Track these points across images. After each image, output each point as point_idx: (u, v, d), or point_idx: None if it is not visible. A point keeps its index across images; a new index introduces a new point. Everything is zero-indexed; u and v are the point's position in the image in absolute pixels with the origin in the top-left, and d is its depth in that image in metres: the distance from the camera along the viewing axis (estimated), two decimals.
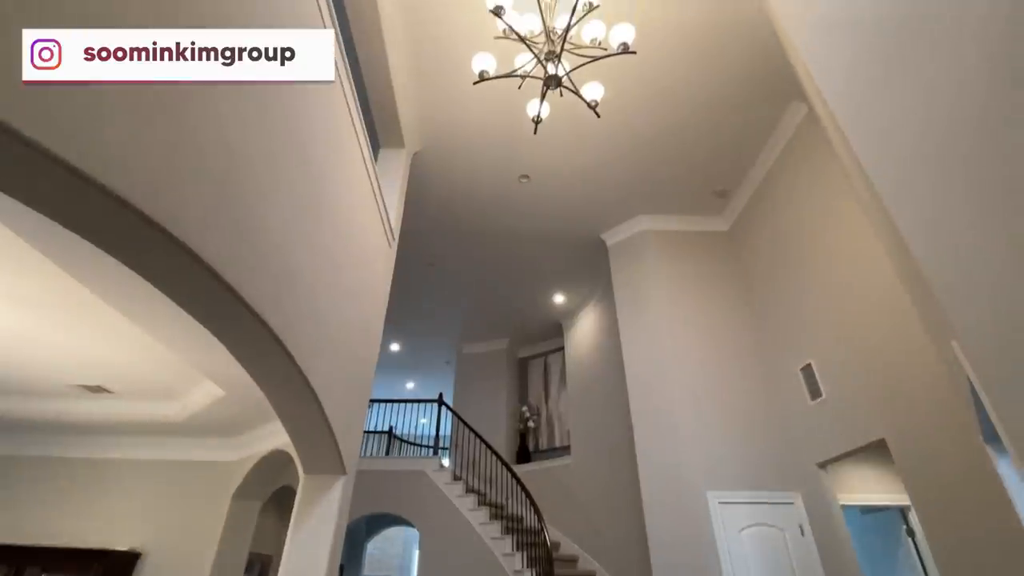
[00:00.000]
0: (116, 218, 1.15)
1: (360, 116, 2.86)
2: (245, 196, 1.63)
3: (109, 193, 1.07)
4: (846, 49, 1.94)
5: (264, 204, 1.75)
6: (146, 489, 3.88)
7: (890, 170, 1.76)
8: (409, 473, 6.63)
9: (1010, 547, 2.45)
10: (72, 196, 1.08)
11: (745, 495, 4.02)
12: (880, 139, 1.80)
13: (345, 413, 2.73)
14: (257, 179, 1.69)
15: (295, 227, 2.02)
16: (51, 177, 1.01)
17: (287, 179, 1.93)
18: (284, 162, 1.90)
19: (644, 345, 4.95)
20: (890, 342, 3.24)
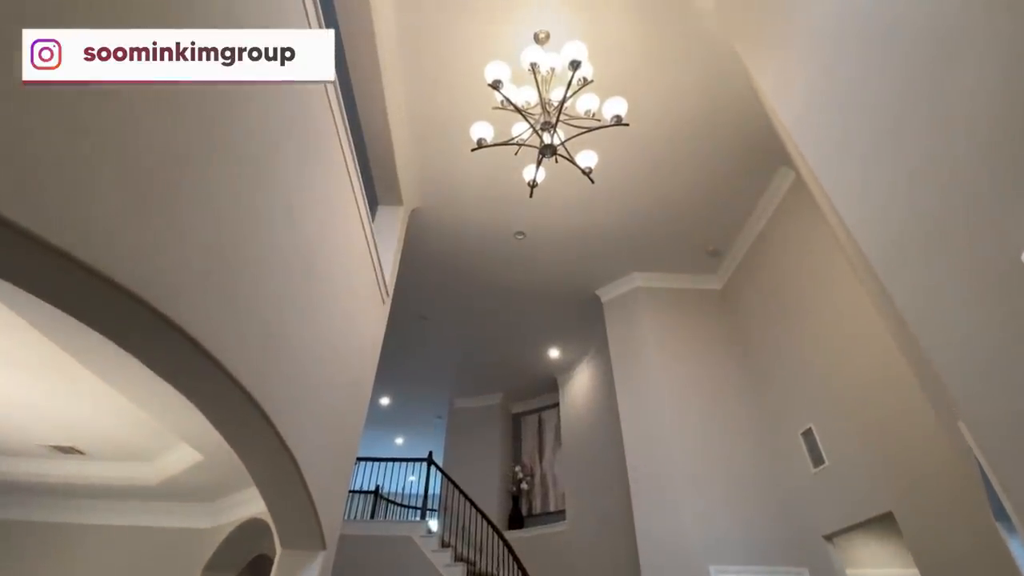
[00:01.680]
0: (90, 288, 1.11)
1: (358, 173, 2.90)
2: (233, 263, 1.60)
3: (84, 265, 1.04)
4: (833, 131, 2.00)
5: (253, 270, 1.72)
6: (116, 557, 3.62)
7: (884, 246, 1.77)
8: (395, 539, 6.26)
9: None
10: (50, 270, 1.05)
11: (750, 569, 3.80)
12: (872, 216, 1.81)
13: (328, 481, 2.59)
14: (246, 246, 1.68)
15: (285, 291, 1.99)
16: (26, 253, 0.98)
17: (278, 243, 1.91)
18: (276, 226, 1.89)
19: (640, 404, 4.83)
20: (892, 405, 3.16)
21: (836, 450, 3.68)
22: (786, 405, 4.27)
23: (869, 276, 2.06)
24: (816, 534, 3.83)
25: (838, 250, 3.62)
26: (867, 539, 4.16)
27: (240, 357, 1.64)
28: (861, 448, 3.43)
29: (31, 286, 1.12)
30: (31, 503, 3.75)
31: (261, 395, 1.77)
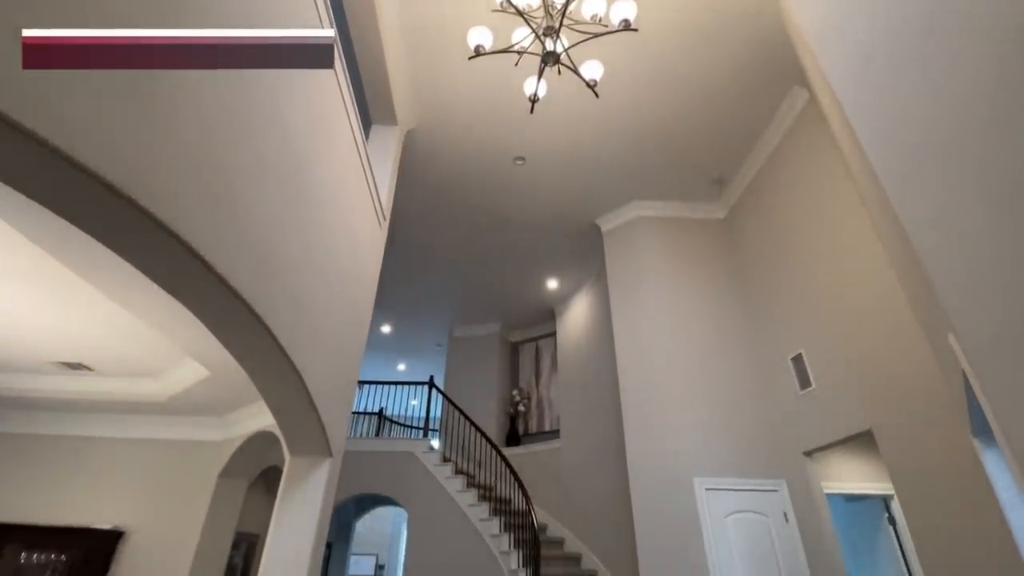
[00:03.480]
0: (79, 188, 1.08)
1: (350, 89, 2.76)
2: (223, 171, 1.55)
3: (73, 161, 1.00)
4: (856, 38, 1.88)
5: (246, 181, 1.67)
6: (129, 468, 3.83)
7: (896, 161, 1.72)
8: (398, 454, 6.64)
9: (989, 537, 2.48)
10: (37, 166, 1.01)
11: (732, 482, 4.05)
12: (888, 130, 1.75)
13: (332, 395, 2.68)
14: (237, 154, 1.62)
15: (280, 208, 1.95)
16: (19, 149, 0.94)
17: (270, 156, 1.84)
18: (266, 138, 1.81)
19: (636, 332, 4.93)
20: (881, 334, 3.24)
21: (823, 374, 3.81)
22: (779, 331, 4.37)
23: (874, 195, 2.01)
24: (796, 450, 4.05)
25: (844, 179, 3.57)
26: (844, 456, 4.41)
27: (240, 269, 1.64)
28: (847, 372, 3.55)
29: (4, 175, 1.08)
30: (43, 418, 3.91)
31: (263, 309, 1.78)
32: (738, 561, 3.77)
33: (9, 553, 3.38)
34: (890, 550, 4.23)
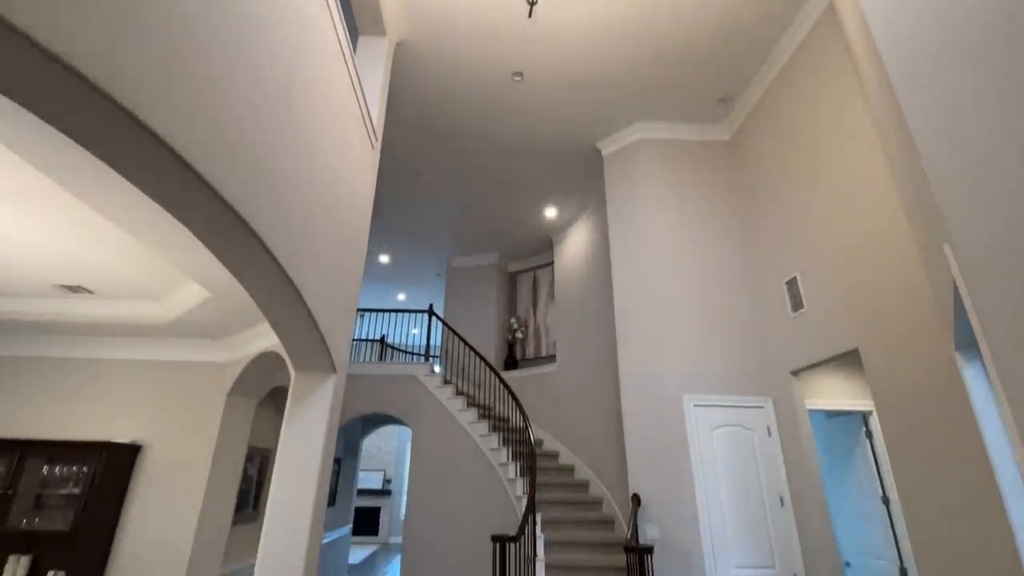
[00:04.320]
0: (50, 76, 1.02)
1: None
2: (209, 74, 1.47)
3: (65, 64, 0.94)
4: None
5: (225, 83, 1.59)
6: (140, 388, 3.98)
7: (911, 66, 1.63)
8: (401, 377, 6.88)
9: (962, 449, 2.63)
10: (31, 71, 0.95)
11: (720, 399, 4.23)
12: (905, 33, 1.65)
13: (332, 312, 2.73)
14: (221, 56, 1.52)
15: (269, 121, 1.86)
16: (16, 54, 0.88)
17: (250, 59, 1.74)
18: (245, 40, 1.70)
19: (633, 256, 4.94)
20: (876, 257, 3.26)
21: (815, 297, 3.86)
22: (777, 256, 4.38)
23: (885, 104, 1.93)
24: (784, 370, 4.20)
25: (852, 100, 3.43)
26: (828, 374, 4.58)
27: (231, 181, 1.60)
28: (838, 295, 3.60)
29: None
30: (53, 342, 4.00)
31: (256, 222, 1.76)
32: (721, 471, 4.03)
33: (32, 466, 3.58)
34: (865, 462, 4.51)
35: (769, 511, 3.93)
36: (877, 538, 4.31)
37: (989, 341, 1.50)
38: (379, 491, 12.51)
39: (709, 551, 3.77)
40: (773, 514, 3.92)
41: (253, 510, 4.48)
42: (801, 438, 4.02)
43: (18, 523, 3.43)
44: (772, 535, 3.86)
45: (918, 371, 2.93)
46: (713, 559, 3.75)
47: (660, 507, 4.05)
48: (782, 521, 3.89)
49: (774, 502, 3.95)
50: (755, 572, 3.75)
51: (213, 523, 3.67)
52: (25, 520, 3.47)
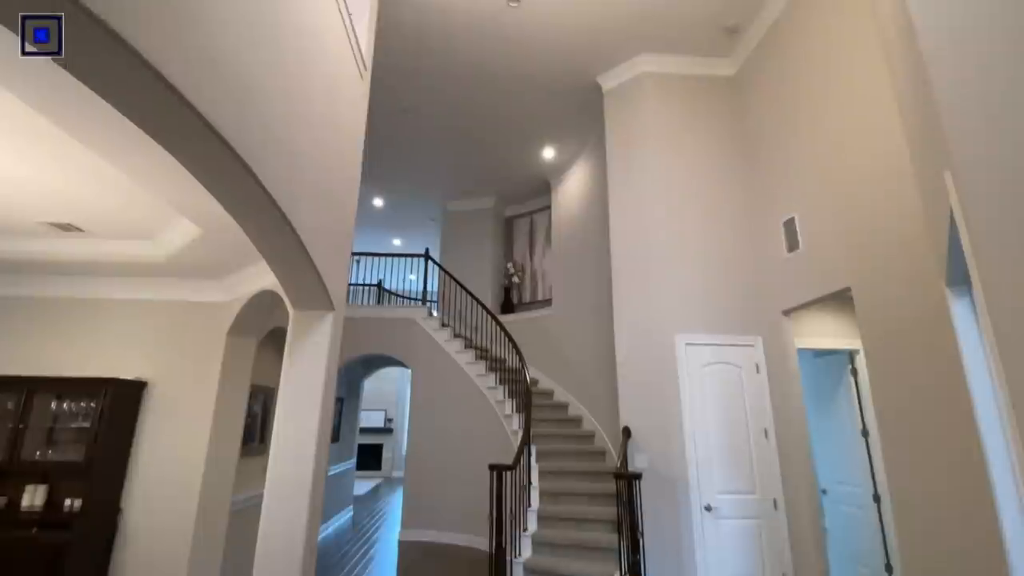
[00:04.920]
0: None
1: None
2: None
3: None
4: None
5: (210, 3, 1.49)
6: (142, 327, 4.02)
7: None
8: (400, 320, 6.98)
9: (944, 385, 2.72)
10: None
11: (711, 338, 4.32)
12: None
13: (327, 248, 2.72)
14: None
15: (251, 35, 1.77)
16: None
17: None
18: None
19: (631, 196, 4.88)
20: (874, 197, 3.25)
21: (812, 238, 3.86)
22: (776, 195, 4.34)
23: (896, 23, 1.85)
24: (776, 309, 4.27)
25: (864, 35, 3.28)
26: (818, 314, 4.66)
27: (221, 110, 1.55)
28: (835, 234, 3.60)
29: None
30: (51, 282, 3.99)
31: (243, 149, 1.71)
32: (709, 405, 4.18)
33: (40, 402, 3.67)
34: (848, 398, 4.68)
35: (753, 443, 4.11)
36: (854, 468, 4.54)
37: (981, 272, 1.51)
38: (381, 429, 13.02)
39: (694, 478, 3.98)
40: (757, 445, 4.11)
41: (260, 443, 4.66)
42: (788, 375, 4.15)
43: (32, 455, 3.57)
44: (755, 464, 4.06)
45: (906, 310, 2.98)
46: (698, 485, 3.97)
47: (649, 439, 4.23)
48: (765, 452, 4.09)
49: (758, 434, 4.13)
50: (737, 497, 3.97)
51: (221, 456, 3.83)
52: (39, 452, 3.60)
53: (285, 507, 2.71)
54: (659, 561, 3.88)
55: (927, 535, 2.82)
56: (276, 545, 2.65)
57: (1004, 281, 1.39)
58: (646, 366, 4.41)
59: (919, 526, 2.88)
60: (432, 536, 6.08)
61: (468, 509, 5.77)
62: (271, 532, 2.67)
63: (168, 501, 3.67)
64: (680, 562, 3.84)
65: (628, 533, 3.70)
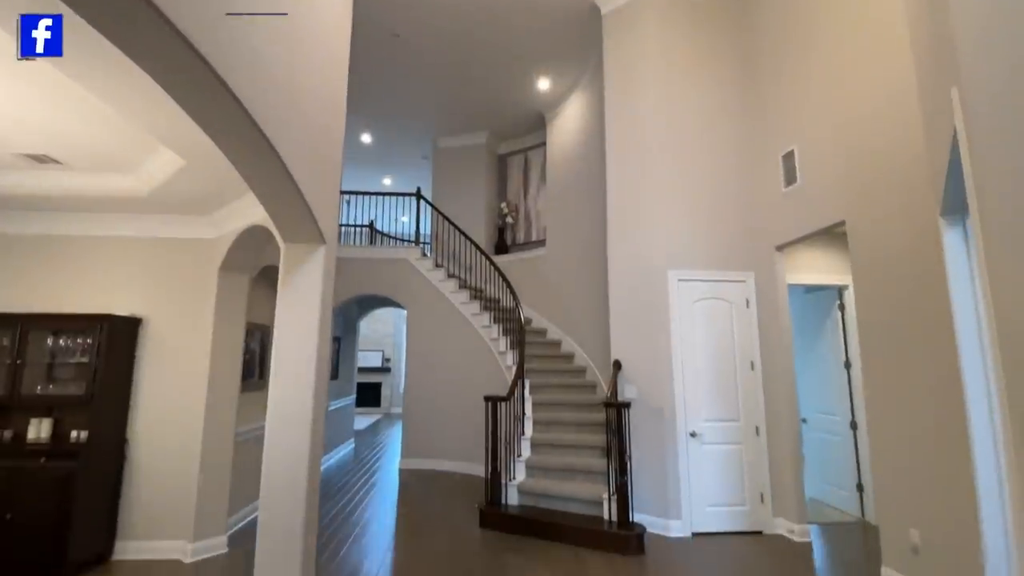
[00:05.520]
0: None
1: None
2: None
3: None
4: None
5: None
6: (133, 264, 3.96)
7: None
8: (393, 261, 6.95)
9: (931, 318, 2.77)
10: None
11: (704, 274, 4.35)
12: None
13: (315, 179, 2.64)
14: None
15: None
16: None
17: None
18: None
19: (629, 127, 4.74)
20: (875, 129, 3.19)
21: (810, 171, 3.81)
22: (776, 128, 4.24)
23: None
24: (770, 245, 4.28)
25: None
26: (810, 250, 4.68)
27: (197, 23, 1.44)
28: (833, 168, 3.55)
29: None
30: (27, 217, 3.87)
31: (223, 69, 1.61)
32: (699, 339, 4.28)
33: (36, 338, 3.68)
34: (834, 332, 4.80)
35: (739, 374, 4.25)
36: (834, 398, 4.74)
37: (978, 190, 1.49)
38: (379, 368, 13.34)
39: (681, 407, 4.14)
40: (743, 376, 4.25)
41: (260, 379, 4.75)
42: (778, 310, 4.22)
43: (33, 389, 3.62)
44: (740, 394, 4.22)
45: (897, 243, 3.00)
46: (684, 413, 4.14)
47: (639, 371, 4.36)
48: (750, 383, 4.23)
49: (745, 366, 4.26)
50: (721, 424, 4.16)
51: (222, 390, 3.91)
52: (40, 387, 3.66)
53: (287, 436, 2.80)
54: (645, 483, 4.11)
55: (899, 457, 2.99)
56: (280, 472, 2.76)
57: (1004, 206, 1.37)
58: (638, 302, 4.46)
59: (892, 449, 3.04)
60: (431, 464, 6.38)
61: (465, 439, 6.02)
62: (275, 460, 2.77)
63: (173, 433, 3.78)
64: (665, 483, 4.07)
65: (616, 457, 3.89)
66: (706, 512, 4.02)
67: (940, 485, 2.69)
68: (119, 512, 3.66)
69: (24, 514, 3.26)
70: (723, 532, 3.98)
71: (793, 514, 3.94)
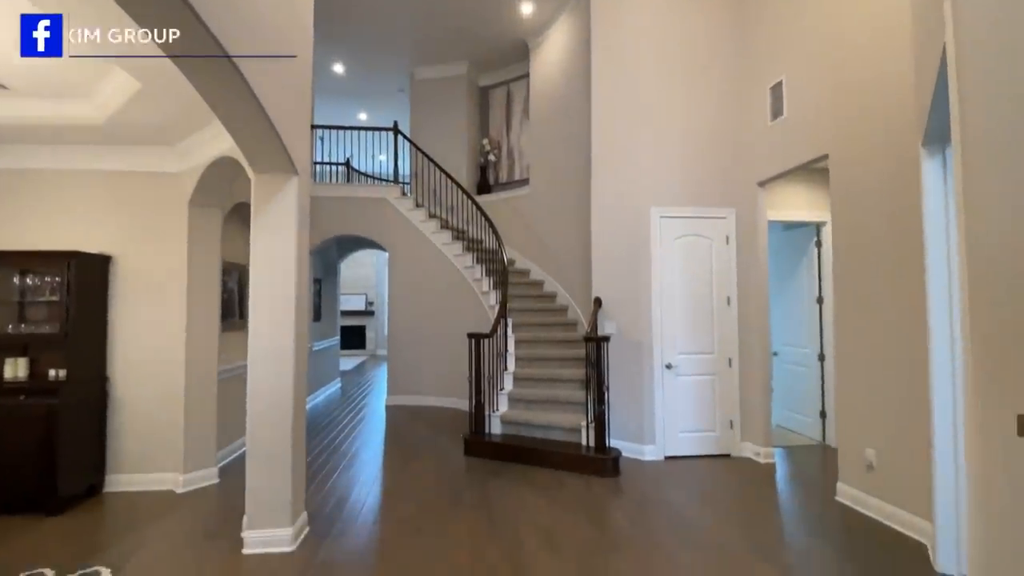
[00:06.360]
0: None
1: None
2: None
3: None
4: None
5: None
6: (97, 199, 3.78)
7: None
8: (372, 200, 6.78)
9: (900, 253, 2.83)
10: None
11: (687, 210, 4.35)
12: None
13: (285, 105, 2.50)
14: None
15: None
16: None
17: None
18: None
19: (616, 60, 4.55)
20: (864, 60, 3.14)
21: (797, 103, 3.73)
22: (766, 56, 4.11)
23: None
24: (752, 181, 4.26)
25: None
26: (793, 186, 4.69)
27: None
28: (820, 99, 3.49)
29: None
30: None
31: None
32: (678, 275, 4.33)
33: (2, 276, 3.56)
34: (809, 268, 4.90)
35: (716, 308, 4.36)
36: (805, 332, 4.92)
37: (963, 104, 1.45)
38: (363, 311, 13.37)
39: (658, 340, 4.26)
40: (719, 311, 4.36)
41: (240, 319, 4.71)
42: (757, 247, 4.28)
43: (5, 328, 3.54)
44: (715, 328, 4.35)
45: (879, 179, 3.01)
46: (661, 346, 4.27)
47: (619, 307, 4.43)
48: (726, 317, 4.35)
49: (721, 301, 4.36)
50: (696, 356, 4.31)
51: (201, 328, 3.87)
52: (11, 326, 3.57)
53: (269, 370, 2.80)
54: (622, 412, 4.30)
55: (861, 384, 3.15)
56: (265, 404, 2.78)
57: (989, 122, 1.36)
58: (620, 239, 4.46)
59: (856, 377, 3.20)
60: (417, 401, 6.55)
61: (450, 377, 6.16)
62: (259, 393, 2.78)
63: (154, 371, 3.77)
64: (640, 412, 4.26)
65: (595, 388, 4.03)
66: (678, 438, 4.24)
67: (896, 409, 2.87)
68: (107, 446, 3.71)
69: (8, 450, 3.28)
70: (694, 456, 4.23)
71: (760, 438, 4.18)
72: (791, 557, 2.64)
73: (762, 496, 3.50)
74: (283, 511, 2.74)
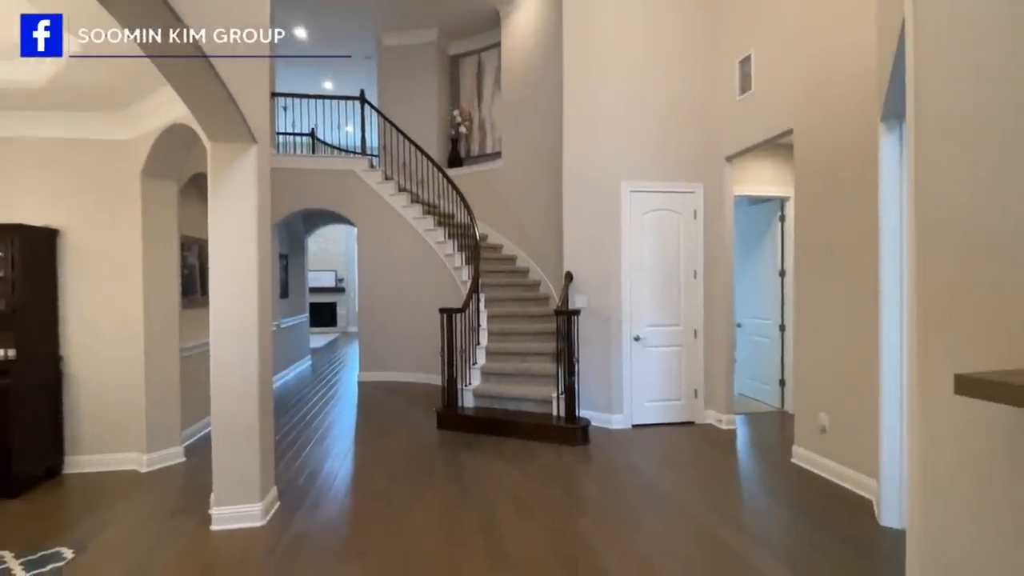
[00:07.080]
0: None
1: None
2: None
3: None
4: None
5: None
6: (41, 170, 3.54)
7: None
8: (338, 172, 6.58)
9: (859, 227, 2.92)
10: None
11: (656, 185, 4.38)
12: None
13: (240, 67, 2.37)
14: None
15: None
16: None
17: None
18: None
19: (589, 32, 4.47)
20: (828, 30, 3.17)
21: (765, 77, 3.77)
22: (736, 30, 4.12)
23: None
24: (720, 155, 4.32)
25: None
26: (760, 161, 4.77)
27: None
28: (786, 74, 3.53)
29: None
30: None
31: None
32: (647, 250, 4.40)
33: None
34: (772, 242, 5.04)
35: (683, 282, 4.45)
36: (767, 304, 5.09)
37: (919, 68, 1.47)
38: (333, 288, 13.14)
39: (627, 313, 4.34)
40: (686, 284, 4.45)
41: (202, 295, 4.56)
42: (723, 221, 4.36)
43: None
44: (682, 301, 4.45)
45: (840, 154, 3.08)
46: (630, 319, 4.35)
47: (589, 282, 4.48)
48: (692, 290, 4.46)
49: (688, 275, 4.46)
50: (663, 328, 4.41)
51: (160, 304, 3.73)
52: None
53: (233, 345, 2.74)
54: (591, 383, 4.39)
55: (817, 353, 3.30)
56: (230, 384, 2.72)
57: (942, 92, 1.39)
58: (591, 214, 4.48)
59: (813, 346, 3.34)
60: (390, 376, 6.53)
61: (423, 352, 6.14)
62: (223, 368, 2.72)
63: (111, 349, 3.63)
64: (609, 383, 4.36)
65: (566, 360, 4.10)
66: (645, 407, 4.37)
67: (849, 376, 3.02)
68: (64, 426, 3.58)
69: None
70: (660, 424, 4.38)
71: (722, 406, 4.35)
72: (748, 515, 2.79)
73: (723, 460, 3.66)
74: (252, 486, 2.72)
